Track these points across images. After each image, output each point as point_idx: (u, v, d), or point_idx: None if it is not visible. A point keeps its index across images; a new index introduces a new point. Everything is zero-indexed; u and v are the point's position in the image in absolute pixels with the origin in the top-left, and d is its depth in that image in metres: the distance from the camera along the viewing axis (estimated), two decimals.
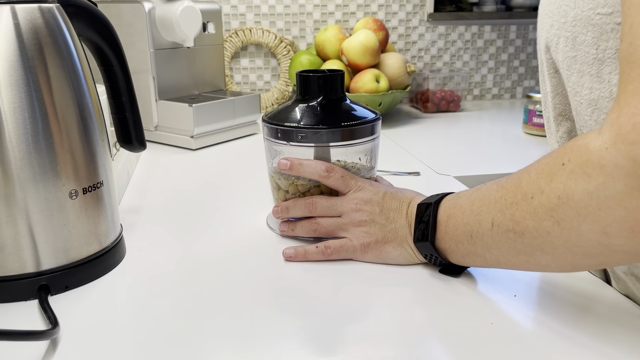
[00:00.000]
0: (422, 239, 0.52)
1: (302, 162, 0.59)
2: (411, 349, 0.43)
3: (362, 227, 0.57)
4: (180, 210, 0.75)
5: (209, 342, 0.44)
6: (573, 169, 0.38)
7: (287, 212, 0.62)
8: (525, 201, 0.41)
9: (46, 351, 0.43)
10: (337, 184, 0.59)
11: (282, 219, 0.63)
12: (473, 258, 0.49)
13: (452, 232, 0.50)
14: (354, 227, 0.57)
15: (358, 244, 0.57)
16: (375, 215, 0.57)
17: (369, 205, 0.57)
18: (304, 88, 0.63)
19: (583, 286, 0.52)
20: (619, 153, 0.34)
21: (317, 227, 0.60)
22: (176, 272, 0.56)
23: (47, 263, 0.51)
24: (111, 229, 0.57)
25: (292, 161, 0.60)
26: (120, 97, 0.61)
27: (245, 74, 1.46)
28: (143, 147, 0.65)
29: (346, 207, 0.58)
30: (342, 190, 0.59)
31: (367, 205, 0.57)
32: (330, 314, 0.48)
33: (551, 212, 0.39)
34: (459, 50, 1.56)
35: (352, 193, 0.59)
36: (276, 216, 0.63)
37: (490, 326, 0.46)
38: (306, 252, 0.58)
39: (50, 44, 0.49)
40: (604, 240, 0.37)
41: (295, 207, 0.61)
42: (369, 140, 0.63)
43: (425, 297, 0.51)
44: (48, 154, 0.49)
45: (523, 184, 0.42)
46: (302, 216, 0.61)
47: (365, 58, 1.23)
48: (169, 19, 1.03)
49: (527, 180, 0.42)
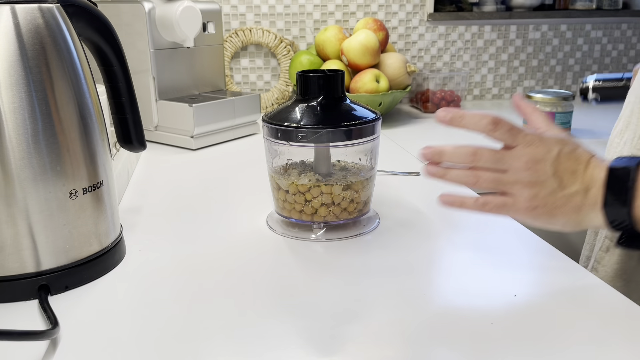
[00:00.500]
0: (615, 204, 0.48)
1: (464, 114, 0.53)
2: (411, 349, 0.43)
3: (531, 188, 0.51)
4: (180, 210, 0.75)
5: (208, 341, 0.44)
6: None
7: (441, 156, 0.55)
8: None
9: (46, 351, 0.43)
10: (504, 137, 0.52)
11: (431, 162, 0.56)
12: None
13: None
14: (521, 187, 0.51)
15: (524, 206, 0.51)
16: (547, 177, 0.51)
17: (541, 164, 0.51)
18: (304, 88, 0.63)
19: (583, 286, 0.52)
20: None
21: (477, 180, 0.53)
22: (176, 272, 0.56)
23: (47, 263, 0.51)
24: (111, 228, 0.57)
25: (453, 113, 0.54)
26: (120, 97, 0.61)
27: (245, 74, 1.46)
28: (143, 147, 0.65)
29: (515, 164, 0.52)
30: (510, 144, 0.53)
31: (539, 164, 0.51)
32: (330, 314, 0.48)
33: None
34: (459, 50, 1.55)
35: (522, 148, 0.52)
36: (426, 158, 0.56)
37: (490, 326, 0.46)
38: (462, 202, 0.54)
39: (50, 44, 0.49)
40: None
41: (454, 153, 0.54)
42: (369, 140, 0.63)
43: (425, 297, 0.51)
44: (48, 154, 0.49)
45: None
46: (460, 164, 0.54)
47: (365, 58, 1.23)
48: (169, 19, 1.03)
49: None
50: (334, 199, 0.62)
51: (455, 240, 0.64)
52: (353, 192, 0.63)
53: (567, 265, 0.56)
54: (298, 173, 0.64)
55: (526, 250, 0.59)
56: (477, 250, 0.63)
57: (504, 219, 0.69)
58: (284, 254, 0.60)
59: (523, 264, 0.57)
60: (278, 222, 0.67)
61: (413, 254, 0.60)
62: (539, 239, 0.63)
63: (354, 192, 0.63)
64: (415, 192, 0.80)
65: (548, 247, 0.61)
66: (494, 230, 0.67)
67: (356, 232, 0.65)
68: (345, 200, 0.63)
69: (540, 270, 0.55)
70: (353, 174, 0.65)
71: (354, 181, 0.63)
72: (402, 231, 0.66)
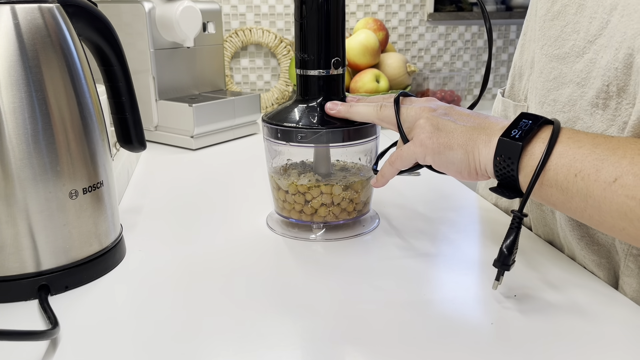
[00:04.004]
0: (511, 136, 0.46)
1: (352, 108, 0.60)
2: (411, 349, 0.43)
3: (431, 121, 0.53)
4: (180, 210, 0.75)
5: (208, 341, 0.44)
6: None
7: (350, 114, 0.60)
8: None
9: (46, 351, 0.43)
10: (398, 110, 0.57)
11: None
12: (553, 193, 0.45)
13: (554, 158, 0.44)
14: (423, 121, 0.53)
15: (426, 136, 0.52)
16: (443, 113, 0.54)
17: (437, 108, 0.55)
18: (304, 88, 0.63)
19: (584, 286, 0.52)
20: None
21: (380, 108, 0.58)
22: (176, 272, 0.57)
23: (47, 263, 0.51)
24: (111, 228, 0.57)
25: (339, 108, 0.60)
26: (120, 97, 0.61)
27: (245, 74, 1.46)
28: (143, 147, 0.65)
29: (411, 112, 0.56)
30: None
31: (435, 106, 0.55)
32: (330, 314, 0.48)
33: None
34: (459, 50, 1.56)
35: (417, 100, 0.57)
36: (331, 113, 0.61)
37: (490, 326, 0.46)
38: (383, 173, 0.58)
39: (50, 44, 0.49)
40: None
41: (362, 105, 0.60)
42: (368, 140, 0.63)
43: (425, 297, 0.51)
44: (48, 154, 0.49)
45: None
46: None
47: (365, 58, 1.23)
48: (169, 19, 1.03)
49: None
50: (333, 199, 0.62)
51: (455, 240, 0.64)
52: (353, 192, 0.63)
53: (567, 265, 0.56)
54: (298, 173, 0.64)
55: (526, 250, 0.59)
56: (477, 250, 0.63)
57: (504, 219, 0.69)
58: (284, 254, 0.60)
59: (523, 264, 0.57)
60: (278, 222, 0.67)
61: (413, 254, 0.60)
62: (539, 239, 0.63)
63: (353, 192, 0.63)
64: (415, 192, 0.80)
65: (548, 247, 0.61)
66: (494, 230, 0.67)
67: (356, 232, 0.65)
68: (345, 200, 0.63)
69: (540, 270, 0.55)
70: (353, 174, 0.65)
71: (353, 181, 0.63)
72: (402, 231, 0.66)
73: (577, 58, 0.54)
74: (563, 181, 0.44)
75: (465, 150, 0.50)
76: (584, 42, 0.53)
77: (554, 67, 0.57)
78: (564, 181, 0.44)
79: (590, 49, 0.52)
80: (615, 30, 0.49)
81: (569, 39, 0.55)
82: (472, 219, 0.72)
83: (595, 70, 0.51)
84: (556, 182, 0.44)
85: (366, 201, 0.66)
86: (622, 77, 0.48)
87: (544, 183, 0.45)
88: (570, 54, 0.55)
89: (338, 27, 0.61)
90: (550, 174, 0.45)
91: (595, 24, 0.51)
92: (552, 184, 0.45)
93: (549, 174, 0.45)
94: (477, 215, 0.73)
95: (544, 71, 0.58)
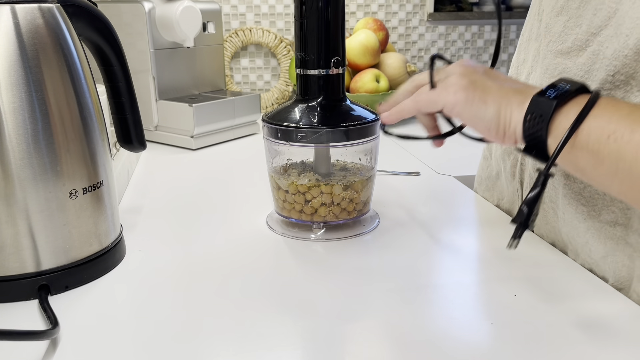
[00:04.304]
0: (546, 96, 0.44)
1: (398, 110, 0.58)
2: (411, 349, 0.43)
3: (464, 75, 0.52)
4: (180, 210, 0.75)
5: (208, 341, 0.44)
6: None
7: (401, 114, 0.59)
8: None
9: (46, 351, 0.43)
10: None
11: None
12: (583, 156, 0.43)
13: (589, 119, 0.42)
14: (456, 76, 0.52)
15: (457, 85, 0.51)
16: (480, 73, 0.52)
17: (474, 69, 0.53)
18: (304, 88, 0.63)
19: (584, 285, 0.52)
20: None
21: (416, 98, 0.56)
22: (176, 272, 0.57)
23: (47, 263, 0.51)
24: (111, 228, 0.57)
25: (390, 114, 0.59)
26: (120, 97, 0.61)
27: (245, 74, 1.46)
28: (143, 147, 0.65)
29: (448, 79, 0.53)
30: None
31: (472, 69, 0.53)
32: (330, 313, 0.48)
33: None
34: (459, 50, 1.56)
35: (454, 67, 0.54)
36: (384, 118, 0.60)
37: (490, 326, 0.46)
38: (400, 109, 0.57)
39: (50, 44, 0.49)
40: None
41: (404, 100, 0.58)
42: (368, 140, 0.63)
43: (425, 297, 0.51)
44: (48, 154, 0.49)
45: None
46: None
47: (365, 58, 1.23)
48: (169, 19, 1.03)
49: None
50: (333, 198, 0.62)
51: (455, 240, 0.64)
52: (353, 192, 0.63)
53: (568, 265, 0.56)
54: (298, 173, 0.64)
55: (526, 250, 0.59)
56: (477, 250, 0.63)
57: (504, 219, 0.69)
58: (284, 254, 0.60)
59: (523, 263, 0.57)
60: (278, 222, 0.67)
61: (413, 254, 0.60)
62: (538, 238, 0.63)
63: (353, 192, 0.63)
64: (415, 192, 0.80)
65: (548, 247, 0.61)
66: (494, 230, 0.67)
67: (356, 232, 0.65)
68: (345, 200, 0.63)
69: (540, 269, 0.55)
70: (353, 174, 0.65)
71: (353, 181, 0.63)
72: (402, 231, 0.66)
73: (580, 52, 0.54)
74: (595, 143, 0.41)
75: (498, 108, 0.48)
76: (586, 34, 0.53)
77: (559, 63, 0.57)
78: (595, 143, 0.41)
79: (594, 41, 0.52)
80: (625, 17, 0.49)
81: (572, 33, 0.55)
82: (472, 219, 0.72)
83: (599, 62, 0.51)
84: (587, 144, 0.42)
85: (366, 201, 0.66)
86: (631, 65, 0.48)
87: (575, 145, 0.43)
88: (573, 48, 0.55)
89: (338, 27, 0.61)
90: (583, 135, 0.42)
91: (601, 15, 0.51)
92: (583, 145, 0.42)
93: (581, 135, 0.42)
94: (477, 215, 0.73)
95: (549, 67, 0.58)
